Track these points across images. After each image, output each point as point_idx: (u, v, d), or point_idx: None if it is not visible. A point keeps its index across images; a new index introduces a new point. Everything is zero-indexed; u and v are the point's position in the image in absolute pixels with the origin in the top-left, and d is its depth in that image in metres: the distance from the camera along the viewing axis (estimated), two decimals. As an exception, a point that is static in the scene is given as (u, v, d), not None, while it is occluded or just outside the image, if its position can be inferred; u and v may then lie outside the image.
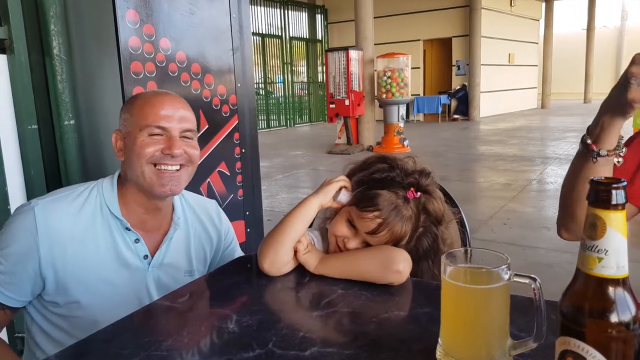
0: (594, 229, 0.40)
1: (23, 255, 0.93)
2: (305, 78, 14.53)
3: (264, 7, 12.56)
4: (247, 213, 2.09)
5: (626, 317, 0.41)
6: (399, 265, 0.80)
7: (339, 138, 8.50)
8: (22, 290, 0.95)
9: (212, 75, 1.85)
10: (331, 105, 8.10)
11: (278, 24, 13.14)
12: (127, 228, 1.01)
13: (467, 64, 12.75)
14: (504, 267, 0.50)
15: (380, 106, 8.34)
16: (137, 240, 1.02)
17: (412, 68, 9.43)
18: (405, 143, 7.99)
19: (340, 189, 0.94)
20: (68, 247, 0.95)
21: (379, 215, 0.88)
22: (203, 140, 1.83)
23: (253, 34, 12.21)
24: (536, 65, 16.47)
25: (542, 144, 8.19)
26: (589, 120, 0.83)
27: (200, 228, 1.16)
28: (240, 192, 2.05)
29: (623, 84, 0.73)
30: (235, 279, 0.91)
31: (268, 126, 13.05)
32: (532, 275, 0.48)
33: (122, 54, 1.53)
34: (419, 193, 0.88)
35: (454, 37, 13.10)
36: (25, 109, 1.48)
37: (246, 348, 0.65)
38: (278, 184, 5.61)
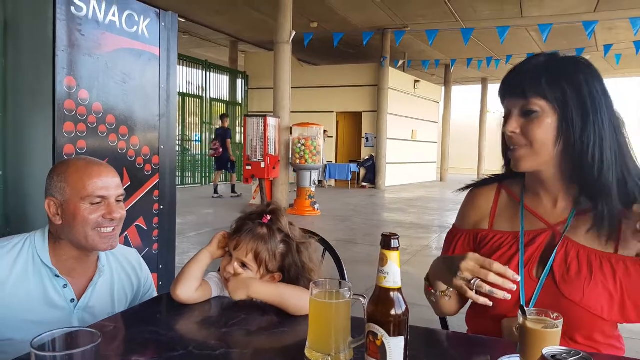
0: (382, 261, 0.71)
1: None
2: (223, 138, 14.78)
3: (185, 67, 12.86)
4: (160, 267, 2.23)
5: (399, 310, 0.71)
6: None
7: (254, 198, 8.73)
8: None
9: (137, 137, 2.05)
10: (247, 167, 8.37)
11: (199, 84, 13.46)
12: (56, 275, 1.15)
13: (375, 137, 13.86)
14: (346, 289, 0.79)
15: (294, 170, 8.78)
16: (65, 286, 1.16)
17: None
18: (316, 207, 8.39)
19: (222, 236, 1.24)
20: (2, 293, 1.08)
21: (239, 235, 1.19)
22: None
23: (173, 92, 12.33)
24: (436, 142, 18.24)
25: (437, 214, 9.03)
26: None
27: (123, 275, 1.32)
28: (156, 246, 2.19)
29: (453, 270, 0.93)
30: (158, 308, 1.12)
31: (183, 183, 12.94)
32: (364, 295, 0.77)
33: (57, 114, 1.70)
34: (269, 216, 1.20)
35: (364, 111, 14.28)
36: (-44, 158, 1.56)
37: (173, 350, 0.87)
38: (190, 241, 5.65)
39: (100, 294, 1.24)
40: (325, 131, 13.29)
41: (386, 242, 0.70)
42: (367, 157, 14.07)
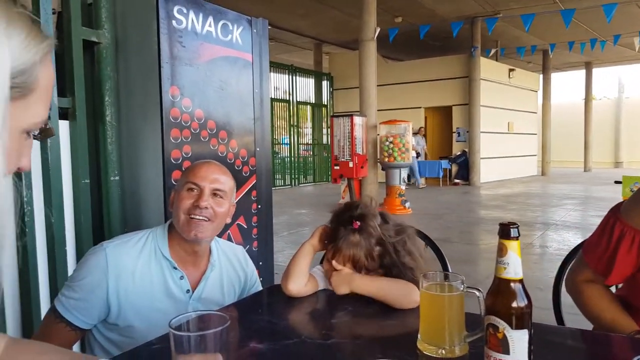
0: (501, 251, 0.65)
1: (95, 286, 1.16)
2: (311, 140, 15.09)
3: (274, 73, 13.32)
4: (260, 263, 2.31)
5: (521, 303, 0.65)
6: (416, 297, 1.05)
7: (343, 198, 8.78)
8: (91, 315, 1.16)
9: (235, 140, 2.14)
10: (335, 167, 8.45)
11: (286, 88, 13.87)
12: (174, 267, 1.24)
13: (467, 131, 13.26)
14: (459, 282, 0.74)
15: (383, 169, 8.70)
16: (182, 277, 1.25)
17: (413, 134, 9.90)
18: (407, 205, 8.24)
19: (322, 230, 1.29)
20: (130, 281, 1.18)
21: (335, 246, 1.21)
22: (225, 197, 2.09)
23: (263, 98, 12.86)
24: (535, 134, 17.03)
25: (540, 210, 8.42)
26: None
27: (232, 269, 1.39)
28: (255, 243, 2.28)
29: None
30: (266, 300, 1.19)
31: (273, 185, 13.38)
32: (479, 288, 0.72)
33: (164, 122, 1.81)
34: (358, 222, 1.20)
35: (454, 105, 13.74)
36: (81, 166, 1.73)
37: (287, 338, 0.90)
38: (284, 240, 5.82)
39: (212, 287, 1.31)
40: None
41: (505, 231, 0.66)
42: (459, 153, 13.52)
